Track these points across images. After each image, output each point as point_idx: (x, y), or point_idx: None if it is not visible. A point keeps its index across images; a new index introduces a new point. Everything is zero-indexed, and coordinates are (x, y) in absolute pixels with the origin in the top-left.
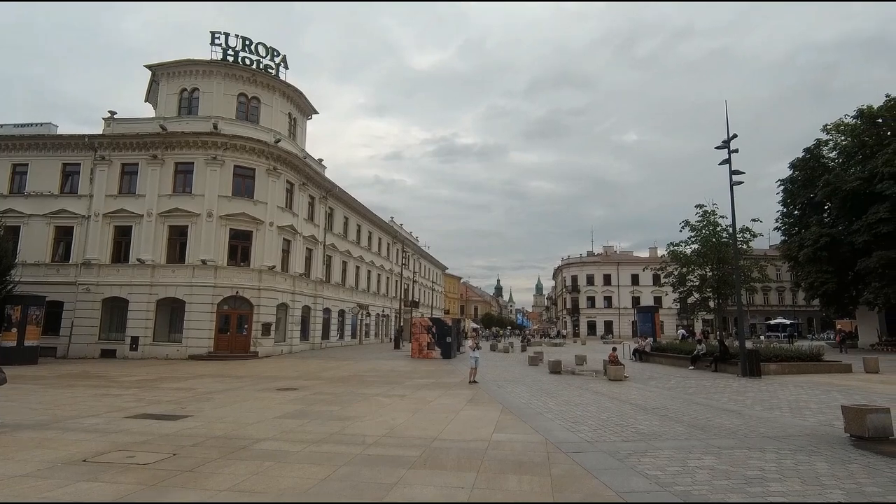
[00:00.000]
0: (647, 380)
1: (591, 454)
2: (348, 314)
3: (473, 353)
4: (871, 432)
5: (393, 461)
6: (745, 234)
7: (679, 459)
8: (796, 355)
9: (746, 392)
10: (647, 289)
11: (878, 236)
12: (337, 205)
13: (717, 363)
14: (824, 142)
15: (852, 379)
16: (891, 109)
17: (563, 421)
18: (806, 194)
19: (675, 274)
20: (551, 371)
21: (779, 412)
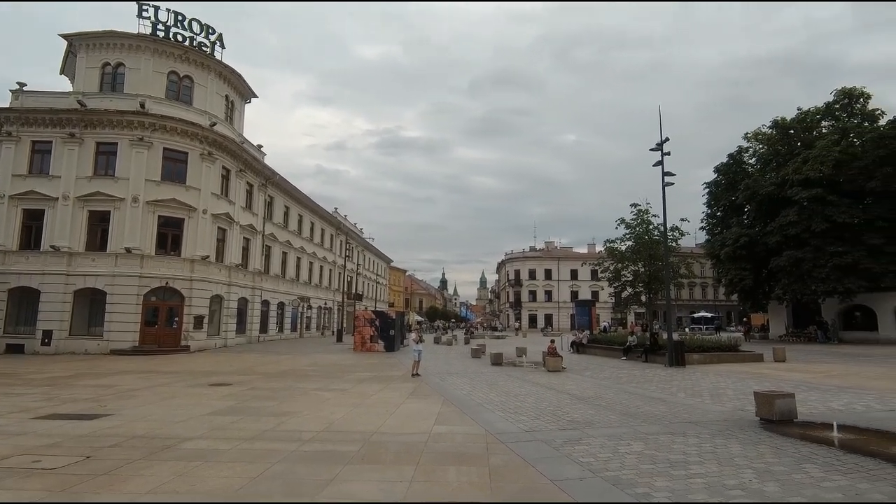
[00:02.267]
0: (583, 370)
1: (529, 444)
2: (288, 307)
3: (417, 346)
4: (778, 416)
5: (330, 457)
6: (674, 232)
7: (610, 446)
8: (717, 346)
9: (672, 381)
10: (586, 283)
11: (788, 237)
12: (277, 193)
13: (647, 354)
14: (745, 149)
15: (764, 367)
16: (801, 121)
17: (503, 412)
18: (728, 197)
19: (611, 269)
20: (493, 363)
21: (700, 399)
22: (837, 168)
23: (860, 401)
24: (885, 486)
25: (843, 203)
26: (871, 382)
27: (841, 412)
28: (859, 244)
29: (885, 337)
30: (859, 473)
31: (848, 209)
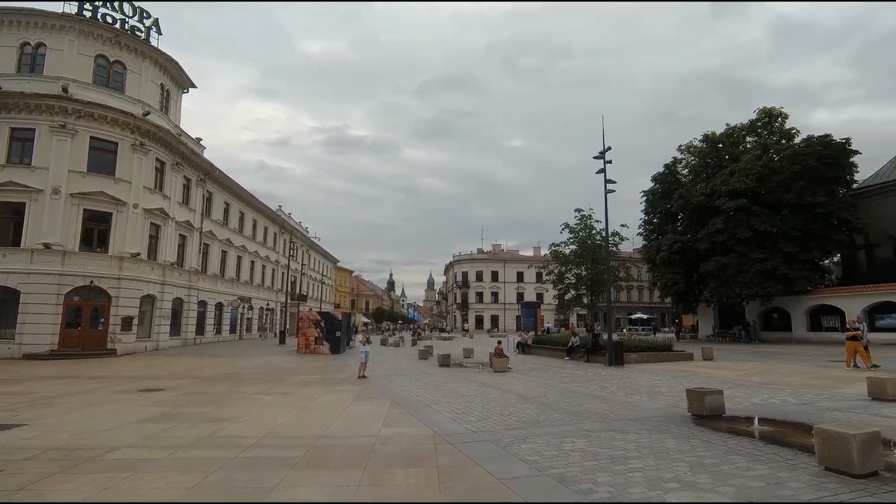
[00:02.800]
0: (528, 370)
1: (477, 444)
2: (227, 307)
3: (363, 347)
4: (708, 411)
5: (273, 463)
6: (615, 237)
7: (555, 444)
8: (652, 346)
9: (612, 379)
10: (531, 285)
11: (715, 244)
12: (217, 189)
13: (588, 354)
14: (679, 160)
15: (694, 366)
16: (728, 136)
17: (451, 413)
18: (664, 205)
19: (556, 272)
20: (440, 364)
21: (638, 397)
22: (759, 181)
23: (777, 396)
24: (802, 474)
25: (764, 213)
26: (786, 378)
27: (762, 406)
28: (777, 252)
29: (798, 336)
30: (779, 463)
31: (768, 219)
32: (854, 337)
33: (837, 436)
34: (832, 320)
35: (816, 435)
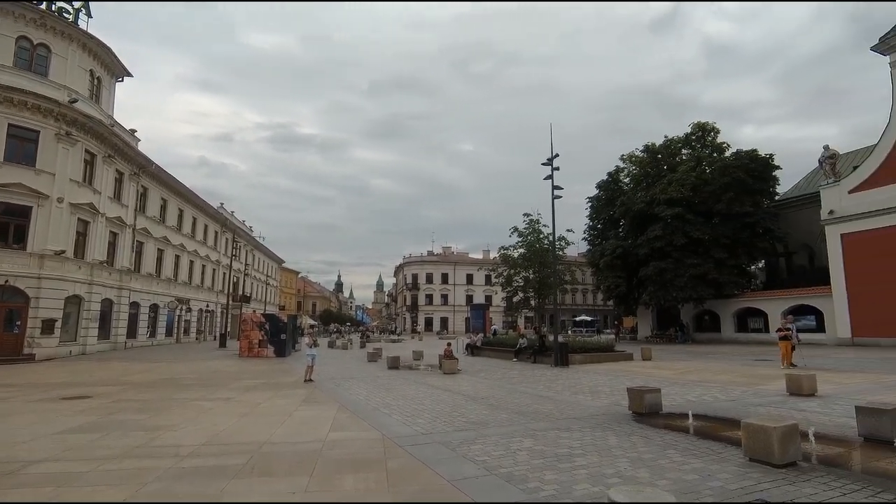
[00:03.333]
0: (477, 372)
1: (427, 446)
2: (163, 309)
3: (310, 350)
4: (647, 409)
5: (214, 472)
6: (561, 242)
7: (503, 444)
8: (596, 347)
9: (558, 380)
10: (480, 288)
11: (654, 250)
12: (153, 184)
13: (535, 355)
14: (622, 169)
15: (634, 366)
16: (666, 148)
17: (401, 415)
18: (608, 211)
19: (504, 275)
20: (390, 367)
21: (582, 396)
22: (694, 191)
23: (709, 393)
24: (730, 465)
25: (697, 221)
26: (717, 376)
27: (695, 403)
28: (709, 257)
29: (727, 337)
30: (709, 455)
31: (701, 227)
32: (785, 337)
33: (760, 429)
34: (757, 322)
35: (742, 429)
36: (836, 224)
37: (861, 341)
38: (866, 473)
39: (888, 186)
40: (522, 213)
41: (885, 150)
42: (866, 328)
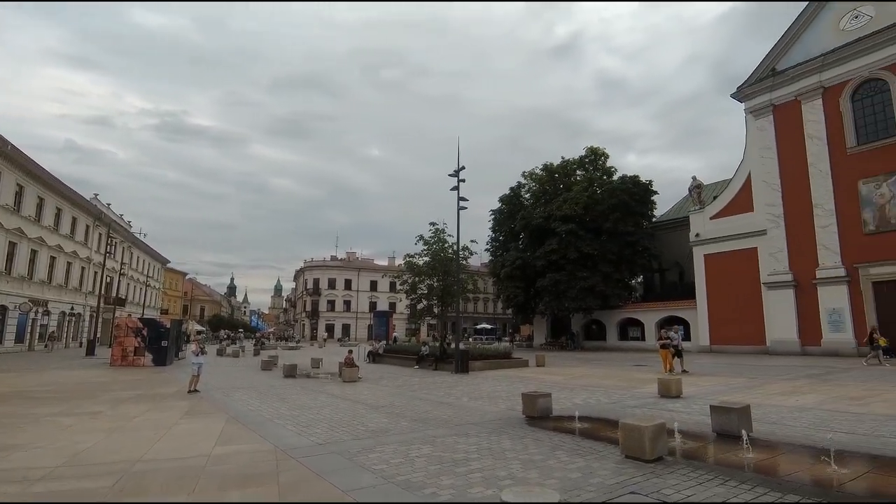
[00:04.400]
0: (378, 380)
1: (322, 456)
2: (14, 311)
3: (196, 358)
4: (539, 413)
5: (72, 496)
6: (465, 251)
7: (402, 452)
8: (494, 354)
9: (458, 386)
10: (385, 294)
11: (550, 262)
12: (7, 167)
13: (437, 362)
14: (523, 184)
15: (529, 372)
16: (563, 168)
17: (296, 426)
18: (509, 224)
19: (409, 282)
20: (286, 375)
21: (480, 402)
22: (586, 209)
23: (594, 396)
24: (609, 462)
25: (588, 237)
26: (601, 381)
27: (582, 406)
28: (597, 271)
29: (611, 344)
30: (593, 455)
31: (591, 243)
32: (664, 345)
33: (634, 429)
34: (636, 331)
35: (620, 429)
36: (700, 246)
37: (717, 349)
38: (717, 464)
39: (738, 216)
40: (429, 222)
41: (738, 185)
42: (720, 337)
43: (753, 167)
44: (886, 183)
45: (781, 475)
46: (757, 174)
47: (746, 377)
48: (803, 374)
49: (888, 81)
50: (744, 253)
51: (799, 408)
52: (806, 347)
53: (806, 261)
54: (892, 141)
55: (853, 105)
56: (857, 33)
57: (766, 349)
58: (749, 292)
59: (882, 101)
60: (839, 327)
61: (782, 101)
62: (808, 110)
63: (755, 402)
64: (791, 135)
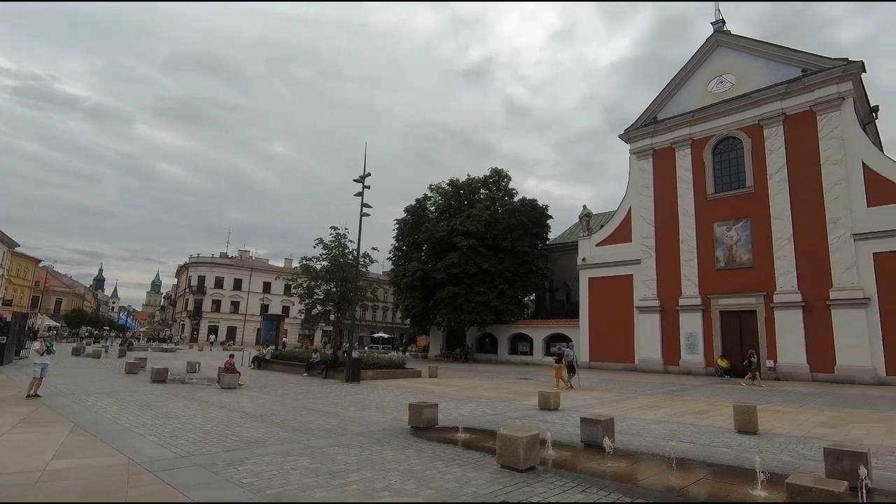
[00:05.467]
0: (261, 387)
1: (185, 469)
2: None
3: (40, 358)
4: (425, 423)
5: None
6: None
7: (277, 463)
8: (388, 364)
9: (346, 395)
10: (278, 297)
11: (450, 275)
12: None
13: (327, 370)
14: (429, 197)
15: (421, 382)
16: (468, 185)
17: (158, 436)
18: (413, 235)
19: (305, 286)
20: (154, 380)
21: (368, 412)
22: (487, 227)
23: (479, 407)
24: (485, 472)
25: (488, 254)
26: (488, 393)
27: (467, 417)
28: (493, 287)
29: (502, 358)
30: (471, 464)
31: (490, 259)
32: (558, 361)
33: (510, 439)
34: (525, 346)
35: (497, 439)
36: (586, 269)
37: (595, 365)
38: (582, 472)
39: (619, 245)
40: (330, 226)
41: (620, 217)
42: (599, 354)
43: (634, 202)
44: (735, 227)
45: (634, 482)
46: (636, 209)
47: (616, 392)
48: (662, 391)
49: (742, 140)
50: (622, 279)
51: (655, 420)
52: (667, 366)
53: (671, 289)
54: (741, 192)
55: (714, 157)
56: (721, 96)
57: (635, 367)
58: (624, 315)
59: (736, 157)
60: (693, 349)
61: (661, 147)
62: (681, 157)
63: (620, 415)
64: (666, 177)
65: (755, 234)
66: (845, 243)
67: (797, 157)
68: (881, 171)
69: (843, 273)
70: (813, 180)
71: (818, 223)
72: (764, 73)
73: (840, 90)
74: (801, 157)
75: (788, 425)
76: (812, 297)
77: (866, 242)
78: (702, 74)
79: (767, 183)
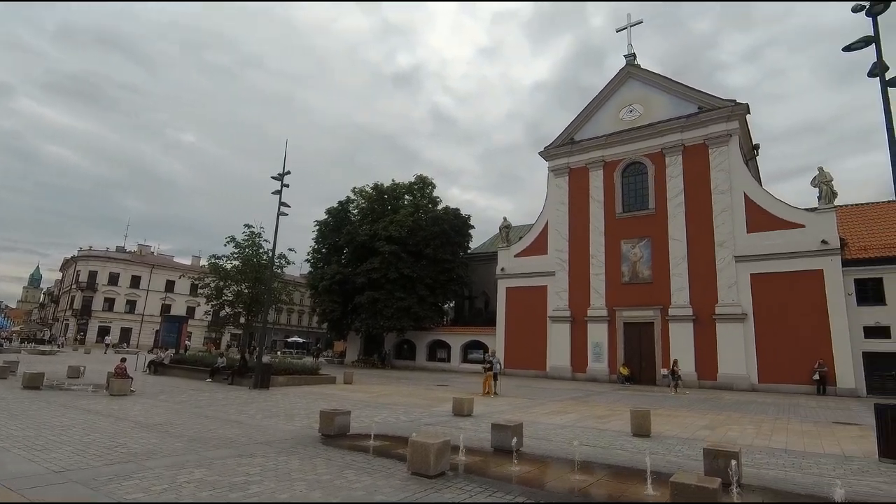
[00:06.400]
0: (157, 394)
1: (57, 486)
2: None
3: None
4: (336, 430)
5: None
6: (282, 259)
7: (169, 477)
8: (301, 369)
9: (254, 403)
10: (182, 297)
11: (371, 280)
12: None
13: (234, 376)
14: (352, 200)
15: (335, 389)
16: (393, 190)
17: (28, 450)
18: (334, 237)
19: (213, 286)
20: (27, 386)
21: (276, 420)
22: (410, 233)
23: (394, 414)
24: (395, 480)
25: (409, 260)
26: (404, 399)
27: (381, 424)
28: (414, 293)
29: (420, 364)
30: (381, 472)
31: (412, 266)
32: (488, 369)
33: (421, 445)
34: (443, 352)
35: (409, 446)
36: (504, 279)
37: (510, 372)
38: (490, 477)
39: (536, 257)
40: (244, 224)
41: (538, 230)
42: (514, 362)
43: (550, 217)
44: (639, 245)
45: (539, 484)
46: (552, 223)
47: (527, 398)
48: (569, 396)
49: (647, 165)
50: (537, 289)
51: (561, 425)
52: (575, 373)
53: (581, 301)
54: (645, 213)
55: (622, 180)
56: (631, 124)
57: (546, 374)
58: (538, 324)
59: (642, 181)
60: (599, 358)
61: (576, 166)
62: (594, 177)
63: (530, 420)
64: (580, 195)
65: (655, 252)
66: (729, 264)
67: (693, 184)
68: (759, 202)
69: (727, 291)
70: (705, 206)
71: (708, 245)
72: (668, 106)
73: (728, 128)
74: (695, 185)
75: (677, 428)
76: (701, 311)
77: (746, 264)
78: (615, 102)
79: (667, 206)
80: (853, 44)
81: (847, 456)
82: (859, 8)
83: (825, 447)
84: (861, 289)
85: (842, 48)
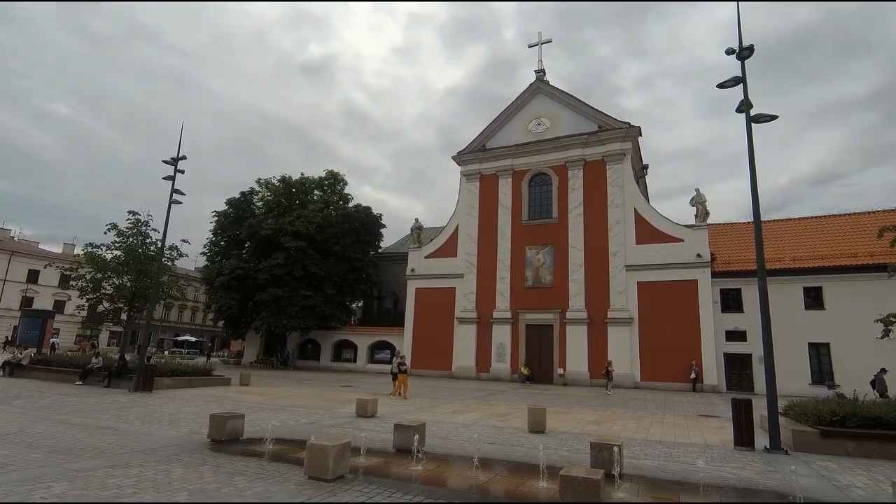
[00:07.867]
0: (11, 399)
1: None
2: None
3: None
4: (227, 435)
5: None
6: (172, 251)
7: (21, 494)
8: (190, 370)
9: (133, 407)
10: (49, 290)
11: (274, 277)
12: None
13: (110, 378)
14: (256, 191)
15: (230, 391)
16: (301, 184)
17: None
18: (234, 230)
19: (89, 278)
20: None
21: (157, 425)
22: (319, 229)
23: (293, 417)
24: (290, 485)
25: (317, 257)
26: (305, 401)
27: (278, 427)
28: (321, 291)
29: (324, 365)
30: (275, 478)
31: (319, 263)
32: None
33: (320, 448)
34: (349, 353)
35: (306, 450)
36: (414, 280)
37: (416, 372)
38: (390, 478)
39: (446, 259)
40: (128, 210)
41: (448, 233)
42: (420, 363)
43: (461, 220)
44: (542, 252)
45: (439, 483)
46: (463, 226)
47: (432, 398)
48: (472, 396)
49: (551, 177)
50: (446, 291)
51: (464, 424)
52: (479, 373)
53: (488, 303)
54: (548, 222)
55: (529, 189)
56: (538, 136)
57: (452, 374)
58: (445, 325)
59: (547, 191)
60: (502, 358)
61: (487, 173)
62: (503, 185)
63: (433, 420)
64: (490, 201)
65: (557, 258)
66: (620, 272)
67: (591, 197)
68: (646, 217)
69: (618, 296)
70: (601, 218)
71: (603, 254)
72: (572, 122)
73: (623, 147)
74: (594, 198)
75: (569, 424)
76: (595, 315)
77: (634, 272)
78: (524, 114)
79: (568, 216)
80: (725, 82)
81: (709, 445)
82: (731, 51)
83: (692, 438)
84: (724, 298)
85: (716, 85)
